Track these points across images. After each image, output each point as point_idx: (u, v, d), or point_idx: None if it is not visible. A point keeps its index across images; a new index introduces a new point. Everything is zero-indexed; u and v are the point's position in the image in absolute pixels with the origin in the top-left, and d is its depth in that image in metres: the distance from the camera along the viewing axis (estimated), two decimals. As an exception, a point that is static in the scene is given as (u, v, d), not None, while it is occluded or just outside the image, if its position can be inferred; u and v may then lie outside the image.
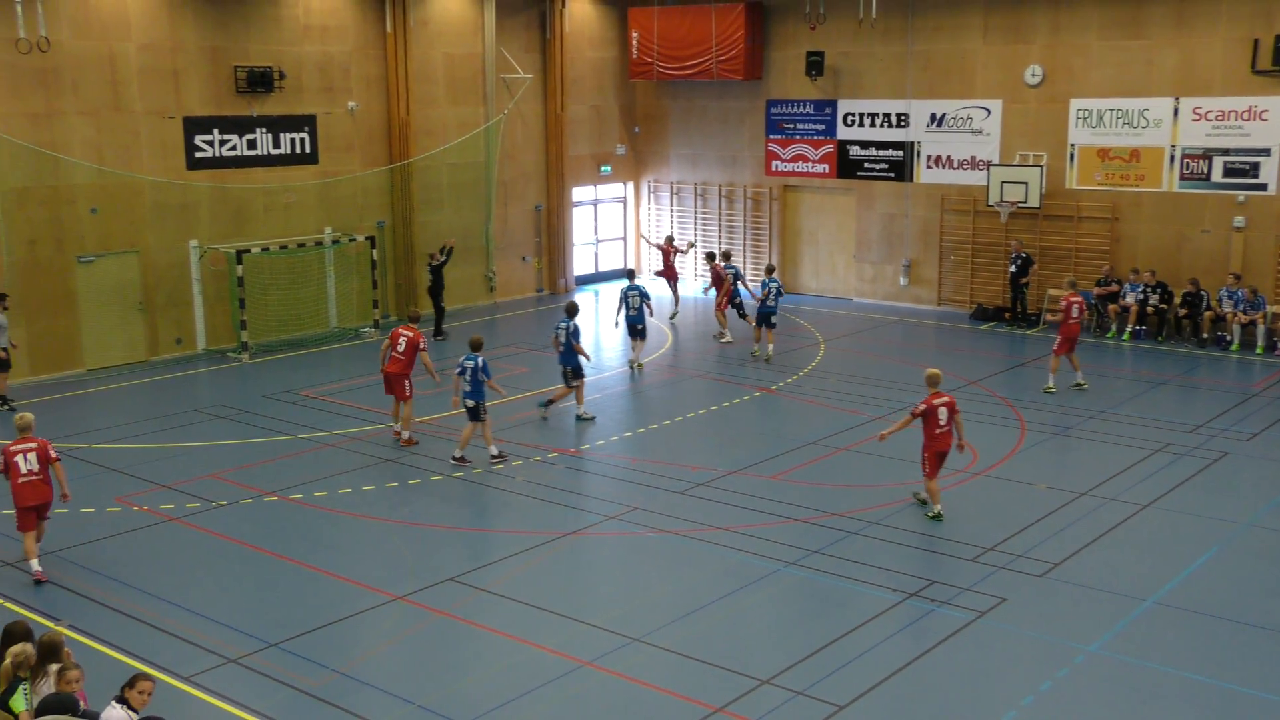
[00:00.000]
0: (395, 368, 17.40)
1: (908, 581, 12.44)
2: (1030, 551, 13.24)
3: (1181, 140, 24.35)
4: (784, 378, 21.39)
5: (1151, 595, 12.11)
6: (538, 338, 25.38)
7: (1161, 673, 10.57)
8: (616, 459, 16.88)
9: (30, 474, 12.71)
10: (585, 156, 31.23)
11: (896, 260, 28.59)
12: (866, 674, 10.50)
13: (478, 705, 10.06)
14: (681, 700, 10.13)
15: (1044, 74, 25.79)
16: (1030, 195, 25.57)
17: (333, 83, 25.36)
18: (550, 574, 12.97)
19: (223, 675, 10.61)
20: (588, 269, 32.18)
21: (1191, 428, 17.97)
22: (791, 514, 14.49)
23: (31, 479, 12.72)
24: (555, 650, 11.09)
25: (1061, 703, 10.09)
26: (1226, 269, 23.85)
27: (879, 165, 28.46)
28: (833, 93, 28.85)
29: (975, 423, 18.34)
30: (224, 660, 10.88)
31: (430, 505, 15.02)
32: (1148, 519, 14.28)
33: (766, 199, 30.50)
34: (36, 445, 12.83)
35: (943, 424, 14.23)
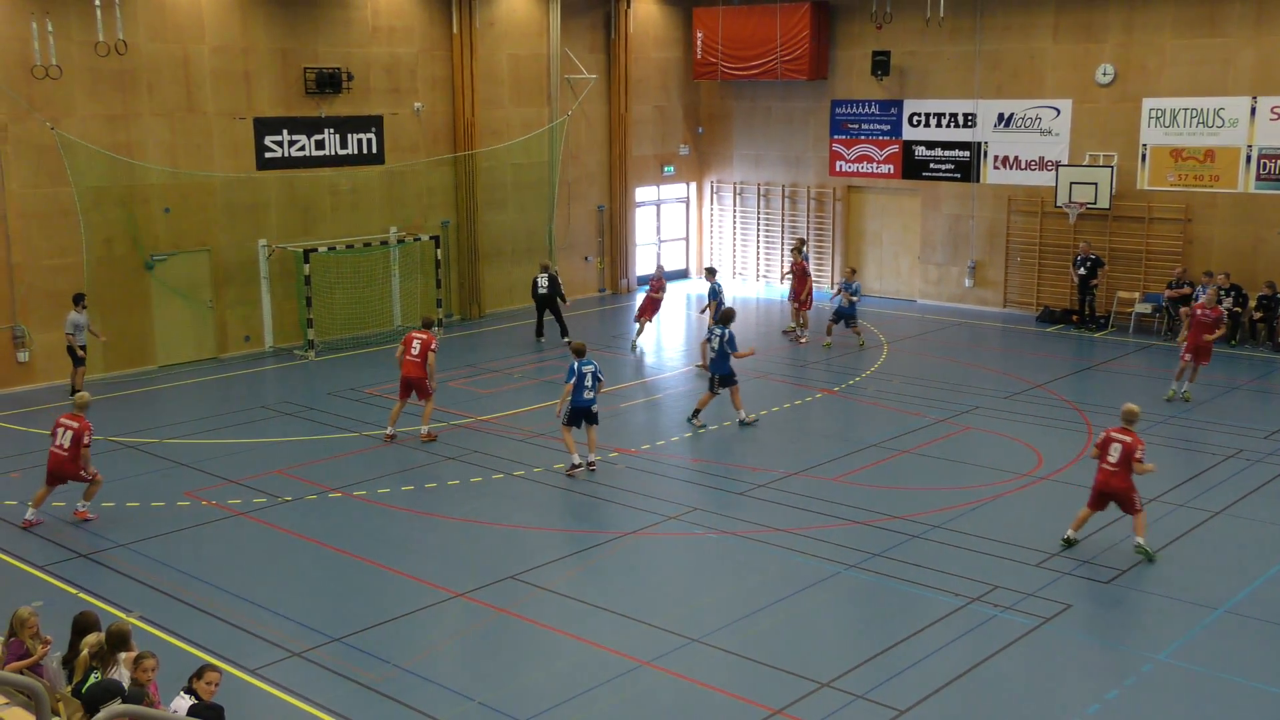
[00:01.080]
0: (412, 371, 17.46)
1: (971, 586, 12.29)
2: (1097, 558, 13.02)
3: (1259, 140, 23.80)
4: (846, 379, 21.24)
5: (1223, 604, 11.85)
6: (600, 337, 25.45)
7: (1232, 683, 10.33)
8: (677, 459, 16.88)
9: (59, 448, 14.09)
10: (649, 157, 31.26)
11: (962, 262, 28.26)
12: (928, 679, 10.39)
13: (537, 703, 10.11)
14: (740, 701, 10.10)
15: (1115, 73, 25.34)
16: (1100, 196, 25.14)
17: (399, 84, 25.64)
18: (610, 573, 13.00)
19: (287, 668, 10.77)
20: (650, 270, 32.15)
21: (1266, 434, 17.56)
22: (853, 516, 14.39)
23: (59, 453, 14.10)
24: (614, 649, 11.11)
25: (1128, 712, 9.91)
26: (1301, 271, 23.27)
27: (945, 166, 28.15)
28: (898, 93, 28.60)
29: (1041, 426, 18.09)
30: (288, 654, 11.04)
31: (491, 504, 15.11)
32: (1219, 526, 13.98)
33: (830, 200, 30.30)
34: (76, 426, 14.10)
35: (1111, 461, 13.05)
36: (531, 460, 16.72)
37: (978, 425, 18.23)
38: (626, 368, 23.00)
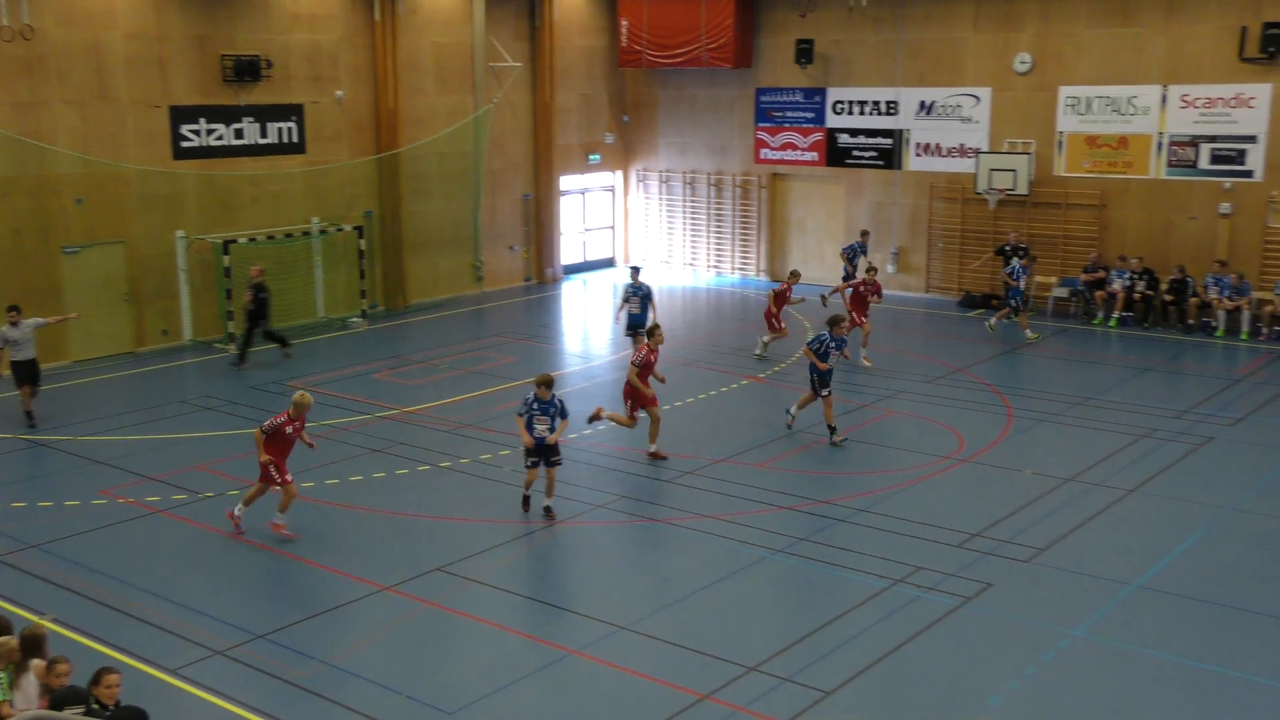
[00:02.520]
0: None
1: (894, 568, 12.48)
2: (1016, 537, 13.28)
3: (1169, 127, 24.38)
4: (772, 366, 21.40)
5: (1136, 580, 12.16)
6: (525, 327, 25.39)
7: (1146, 656, 10.62)
8: (603, 448, 16.89)
9: None
10: (574, 145, 31.17)
11: (885, 248, 28.60)
12: (853, 660, 10.53)
13: (465, 694, 10.07)
14: (669, 688, 10.15)
15: (1033, 62, 25.79)
16: (1019, 183, 25.60)
17: (320, 72, 25.26)
18: (538, 563, 12.99)
19: (209, 667, 10.60)
20: (576, 258, 32.16)
21: (1177, 413, 18.03)
22: (779, 501, 14.52)
23: None
24: (543, 639, 11.11)
25: (1047, 687, 10.14)
26: (1213, 256, 23.92)
27: (868, 153, 28.45)
28: (822, 81, 28.83)
29: (963, 409, 18.39)
30: (210, 652, 10.87)
31: (418, 496, 15.01)
32: (1133, 504, 14.34)
33: (755, 187, 30.48)
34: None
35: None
36: (458, 452, 16.63)
37: (901, 409, 18.49)
38: (555, 357, 22.96)
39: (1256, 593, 11.88)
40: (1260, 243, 23.64)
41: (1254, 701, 9.88)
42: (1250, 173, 23.60)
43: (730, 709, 9.76)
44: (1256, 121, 23.38)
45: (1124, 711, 9.74)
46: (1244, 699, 9.93)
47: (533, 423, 13.82)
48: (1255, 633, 11.07)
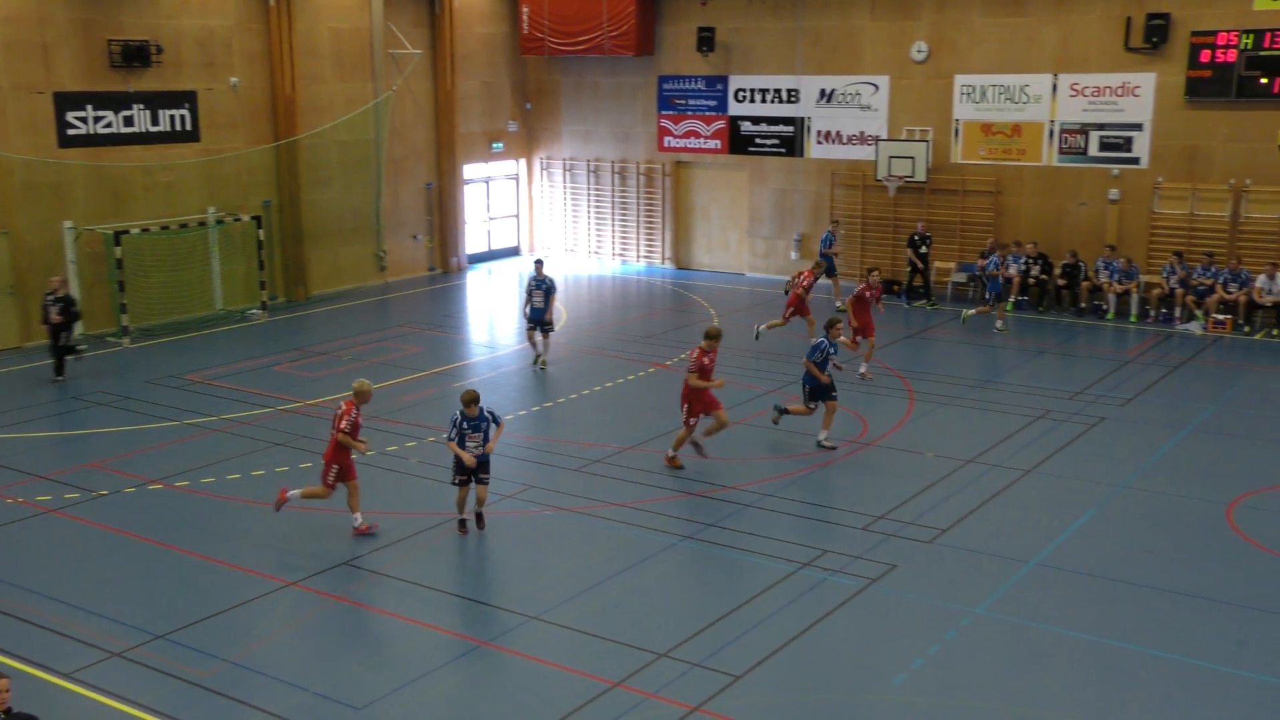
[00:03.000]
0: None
1: (801, 552, 12.63)
2: (919, 518, 13.54)
3: (1060, 115, 25.03)
4: (677, 353, 21.49)
5: (1034, 557, 12.48)
6: (430, 316, 25.13)
7: (1044, 631, 10.91)
8: (511, 438, 16.79)
9: None
10: (477, 133, 30.90)
11: (788, 235, 28.89)
12: (762, 644, 10.64)
13: (375, 689, 9.94)
14: (580, 676, 10.15)
15: (929, 50, 26.24)
16: (917, 170, 26.05)
17: (214, 58, 24.64)
18: (446, 555, 12.87)
19: (105, 670, 10.30)
20: (480, 247, 31.92)
21: (1070, 394, 18.54)
22: (687, 488, 14.59)
23: None
24: (452, 631, 11.02)
25: (951, 664, 10.36)
26: (1103, 241, 24.63)
27: (770, 141, 28.69)
28: (724, 69, 28.97)
29: (866, 394, 18.68)
30: (107, 654, 10.57)
31: (322, 489, 14.75)
32: (1030, 484, 14.71)
33: (660, 175, 30.55)
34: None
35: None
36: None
37: (806, 395, 18.69)
38: (461, 347, 22.76)
39: (1147, 567, 12.27)
40: (1147, 228, 24.41)
41: (1148, 673, 10.22)
42: (1137, 160, 24.34)
43: (641, 696, 9.80)
44: (1142, 110, 24.11)
45: (1025, 686, 9.99)
46: (1138, 670, 10.26)
47: (464, 442, 12.98)
48: (1147, 606, 11.44)
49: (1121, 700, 9.76)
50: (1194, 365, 20.38)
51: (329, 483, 13.22)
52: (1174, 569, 12.21)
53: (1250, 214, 23.42)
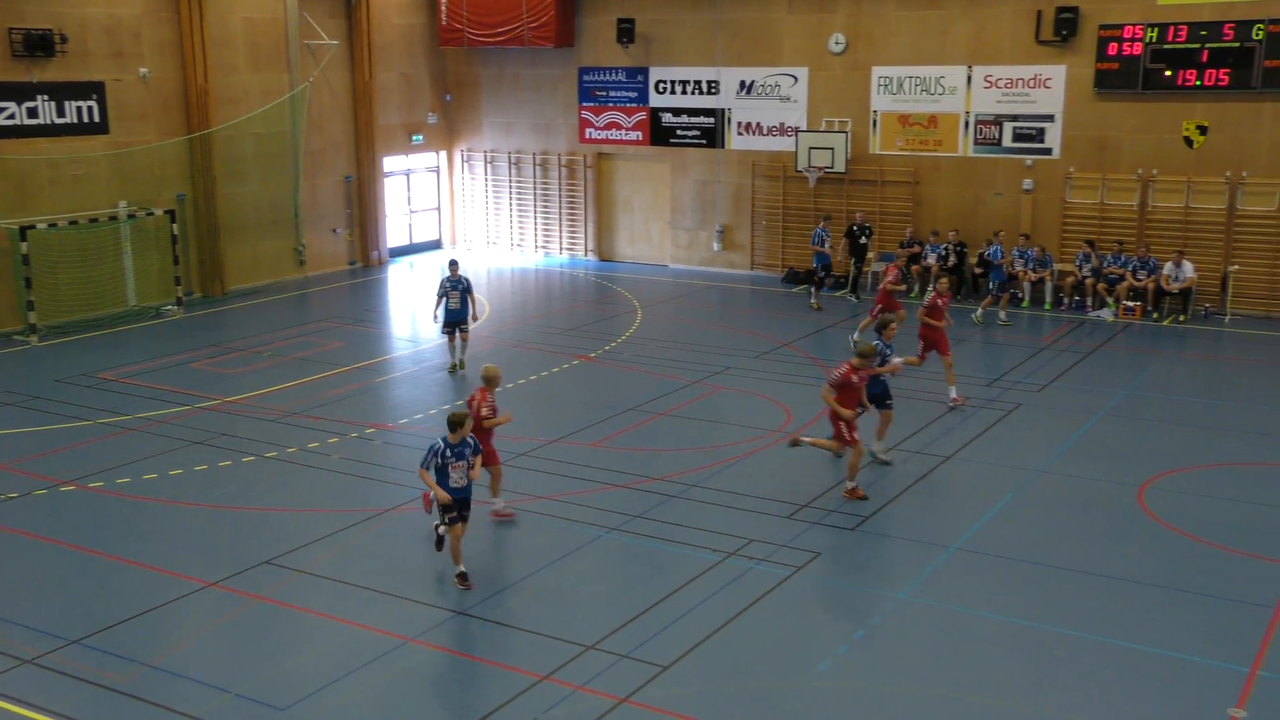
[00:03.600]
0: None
1: (727, 541, 12.71)
2: (842, 506, 13.70)
3: (975, 107, 25.44)
4: (602, 345, 21.49)
5: (954, 542, 12.70)
6: (351, 311, 24.83)
7: (965, 615, 11.11)
8: (435, 432, 16.60)
9: None
10: (396, 125, 30.56)
11: (710, 226, 29.03)
12: (689, 633, 10.69)
13: (299, 689, 9.81)
14: (507, 670, 10.11)
15: (847, 42, 26.51)
16: (836, 161, 26.31)
17: (122, 47, 24.04)
18: (370, 552, 12.73)
19: (16, 678, 10.01)
20: (401, 240, 31.60)
21: (988, 381, 18.89)
22: (612, 480, 14.60)
23: None
24: (378, 628, 10.90)
25: (874, 650, 10.50)
26: (1017, 230, 25.10)
27: (691, 132, 28.78)
28: (644, 60, 28.99)
29: (789, 383, 18.84)
30: (18, 662, 10.28)
31: (242, 488, 14.52)
32: (950, 470, 14.96)
33: (581, 167, 30.49)
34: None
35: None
36: (284, 441, 16.15)
37: (730, 385, 18.82)
38: (383, 341, 22.51)
39: (1064, 549, 12.55)
40: (1060, 217, 24.94)
41: (1065, 652, 10.45)
42: (1049, 150, 24.85)
43: (569, 688, 9.79)
44: (1053, 101, 24.62)
45: (946, 669, 10.17)
46: (1056, 650, 10.49)
47: (447, 472, 11.40)
48: (1063, 587, 11.70)
49: (1041, 679, 9.98)
50: (1106, 351, 20.87)
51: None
52: (1089, 550, 12.51)
53: (1157, 203, 24.04)
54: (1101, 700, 9.63)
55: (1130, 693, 9.77)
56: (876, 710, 9.55)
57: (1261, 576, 11.82)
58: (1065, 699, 9.66)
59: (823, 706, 9.64)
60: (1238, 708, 9.45)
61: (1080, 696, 9.70)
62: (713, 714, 9.46)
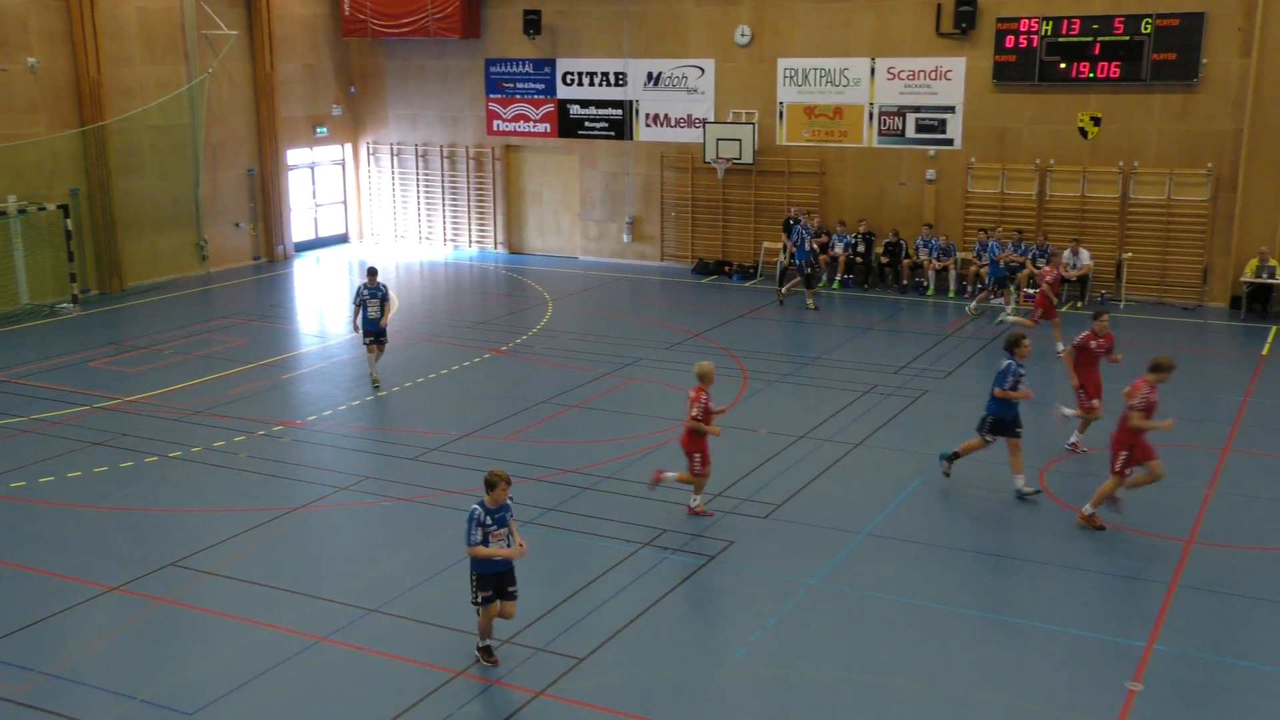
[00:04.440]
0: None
1: (641, 532, 12.75)
2: (755, 495, 13.83)
3: (879, 98, 25.83)
4: (513, 338, 21.40)
5: (865, 528, 12.90)
6: (256, 307, 24.37)
7: (876, 599, 11.30)
8: (345, 428, 16.45)
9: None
10: (299, 118, 30.03)
11: (620, 218, 29.06)
12: (604, 625, 10.71)
13: (207, 693, 9.61)
14: (423, 667, 10.03)
15: (753, 34, 26.70)
16: (744, 152, 26.51)
17: (8, 36, 23.25)
18: (280, 551, 12.53)
19: (-88, 689, 9.68)
20: (307, 234, 31.08)
21: (895, 369, 19.22)
22: (525, 473, 14.55)
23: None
24: (289, 628, 10.73)
25: (787, 635, 10.63)
26: (922, 219, 25.56)
27: (599, 124, 28.76)
28: (551, 51, 28.88)
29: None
30: (-88, 673, 9.93)
31: (145, 489, 14.17)
32: (860, 456, 15.19)
33: (490, 159, 30.29)
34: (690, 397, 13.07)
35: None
36: (188, 440, 15.81)
37: (641, 376, 18.88)
38: (290, 338, 22.12)
39: (970, 532, 12.84)
40: (962, 207, 25.44)
41: (972, 633, 10.70)
42: (951, 141, 25.34)
43: (484, 683, 9.75)
44: (954, 93, 25.09)
45: (859, 652, 10.33)
46: (963, 631, 10.73)
47: (488, 540, 9.83)
48: (969, 569, 11.97)
49: (949, 660, 10.19)
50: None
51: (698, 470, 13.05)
52: (994, 532, 12.81)
53: (1055, 192, 24.66)
54: (1005, 678, 9.88)
55: (1032, 670, 10.04)
56: (790, 695, 9.68)
57: (1155, 553, 12.21)
58: (971, 678, 9.88)
59: (738, 693, 9.74)
60: (1135, 681, 9.76)
61: (985, 675, 9.93)
62: (629, 704, 9.49)
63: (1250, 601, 11.18)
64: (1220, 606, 11.10)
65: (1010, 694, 9.62)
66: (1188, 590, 11.37)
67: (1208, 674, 9.94)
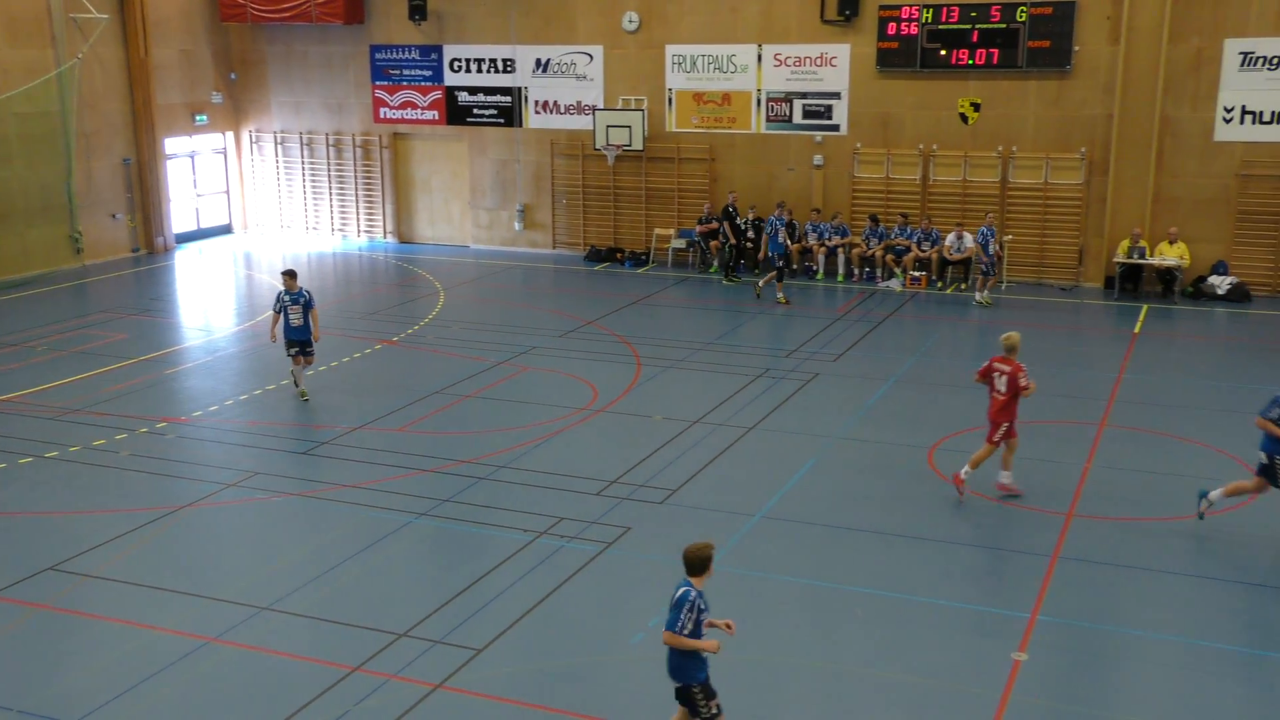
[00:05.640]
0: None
1: (538, 521, 12.72)
2: (650, 480, 13.90)
3: (766, 85, 26.08)
4: (405, 329, 21.13)
5: (760, 510, 13.07)
6: (136, 301, 23.65)
7: (771, 580, 11.46)
8: (233, 424, 16.07)
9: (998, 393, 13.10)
10: (178, 105, 29.18)
11: (511, 206, 28.88)
12: (502, 615, 10.67)
13: (91, 700, 9.32)
14: (318, 664, 9.87)
15: (640, 20, 26.72)
16: (634, 139, 26.54)
17: None
18: (166, 551, 12.20)
19: None
20: (189, 225, 30.25)
21: (787, 352, 19.48)
22: (420, 465, 14.41)
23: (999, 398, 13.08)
24: (177, 630, 10.46)
25: (685, 619, 10.70)
26: (810, 204, 25.91)
27: (488, 111, 28.52)
28: (437, 38, 28.53)
29: (594, 360, 18.97)
30: None
31: (20, 491, 13.66)
32: (753, 440, 15.37)
33: (377, 147, 29.82)
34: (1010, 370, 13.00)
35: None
36: (66, 439, 15.28)
37: (535, 365, 18.81)
38: (170, 332, 21.51)
39: (861, 512, 13.08)
40: (849, 191, 25.85)
41: (865, 610, 10.90)
42: (837, 127, 25.71)
43: (382, 678, 9.63)
44: (839, 79, 25.47)
45: (755, 633, 10.45)
46: (858, 608, 10.92)
47: (700, 632, 8.25)
48: (862, 548, 12.21)
49: (842, 638, 10.39)
50: (895, 320, 21.81)
51: (994, 440, 13.09)
52: (884, 511, 13.08)
53: (938, 177, 25.21)
54: (895, 653, 10.10)
55: (922, 643, 10.29)
56: (689, 678, 9.75)
57: (1038, 527, 12.61)
58: (863, 654, 10.09)
59: (636, 678, 9.79)
60: (1020, 651, 10.07)
61: (876, 650, 10.15)
62: (528, 694, 9.48)
63: (1128, 570, 11.62)
64: (1099, 576, 11.51)
65: (901, 668, 9.85)
66: (1068, 562, 11.76)
67: (1089, 642, 10.30)
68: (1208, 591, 11.21)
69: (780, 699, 9.48)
